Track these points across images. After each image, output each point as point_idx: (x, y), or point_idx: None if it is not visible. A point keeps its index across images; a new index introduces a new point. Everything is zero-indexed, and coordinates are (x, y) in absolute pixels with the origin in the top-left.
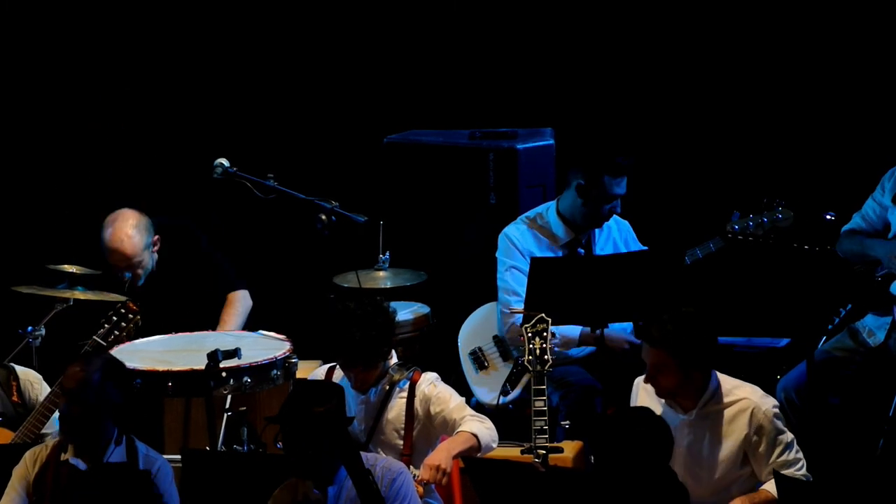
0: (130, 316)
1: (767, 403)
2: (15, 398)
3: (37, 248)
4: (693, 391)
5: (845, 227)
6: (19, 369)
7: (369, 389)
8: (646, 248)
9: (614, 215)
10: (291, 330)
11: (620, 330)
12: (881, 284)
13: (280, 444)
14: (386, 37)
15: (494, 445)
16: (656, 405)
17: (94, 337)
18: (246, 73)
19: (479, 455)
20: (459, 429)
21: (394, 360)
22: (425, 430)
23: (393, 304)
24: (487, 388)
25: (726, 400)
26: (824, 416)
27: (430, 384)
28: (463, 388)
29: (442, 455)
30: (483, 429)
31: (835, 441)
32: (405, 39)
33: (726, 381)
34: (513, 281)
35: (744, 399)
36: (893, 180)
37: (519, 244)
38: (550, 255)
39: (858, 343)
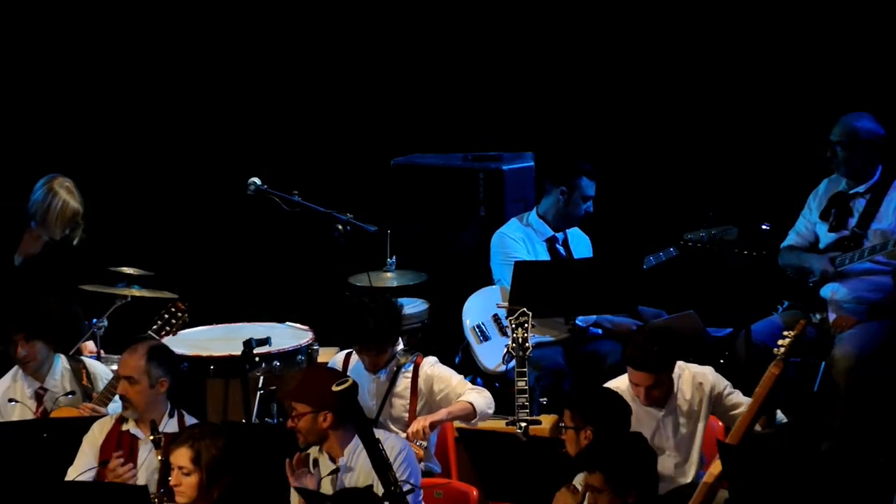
0: (180, 314)
1: (701, 368)
2: (85, 382)
3: (99, 252)
4: (667, 391)
5: (784, 244)
6: (87, 361)
7: (380, 371)
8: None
9: (576, 228)
10: (314, 322)
11: (622, 319)
12: (813, 289)
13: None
14: (395, 77)
15: (490, 411)
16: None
17: (149, 332)
18: (275, 105)
19: (476, 419)
20: (459, 399)
21: (400, 346)
22: (427, 405)
23: (399, 299)
24: (489, 356)
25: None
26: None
27: (432, 366)
28: (464, 364)
29: (432, 416)
30: (480, 398)
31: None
32: (411, 79)
33: None
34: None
35: (682, 374)
36: (818, 199)
37: (517, 238)
38: (535, 247)
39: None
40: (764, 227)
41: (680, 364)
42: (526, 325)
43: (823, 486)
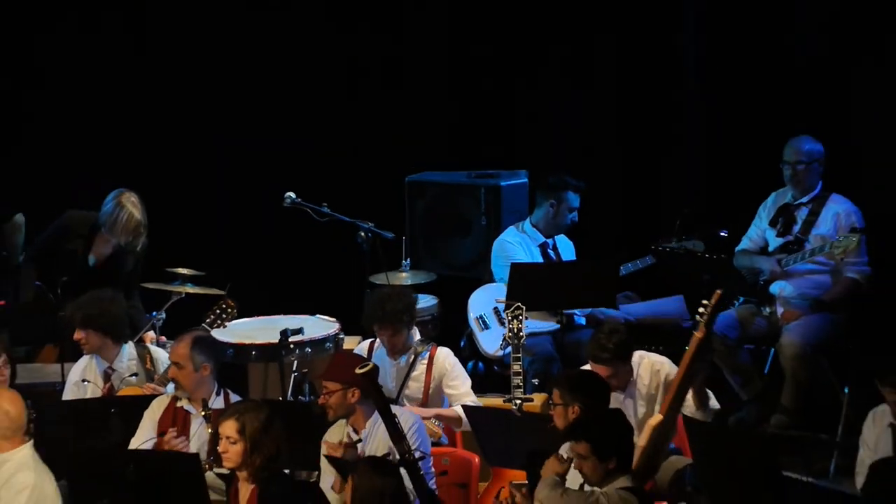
0: (230, 310)
1: (659, 357)
2: (148, 365)
3: (159, 254)
4: (625, 378)
5: (738, 248)
6: (151, 348)
7: (399, 357)
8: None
9: (563, 236)
10: (340, 314)
11: (612, 312)
12: (764, 286)
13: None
14: (411, 106)
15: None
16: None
17: (203, 324)
18: (309, 130)
19: (461, 428)
20: (456, 406)
21: (417, 336)
22: (437, 390)
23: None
24: (489, 342)
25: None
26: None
27: (446, 359)
28: (467, 349)
29: (428, 411)
30: (460, 414)
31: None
32: (425, 109)
33: None
34: None
35: (642, 362)
36: (767, 210)
37: (515, 243)
38: (531, 250)
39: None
40: (722, 234)
41: (640, 353)
42: (521, 317)
43: (773, 454)
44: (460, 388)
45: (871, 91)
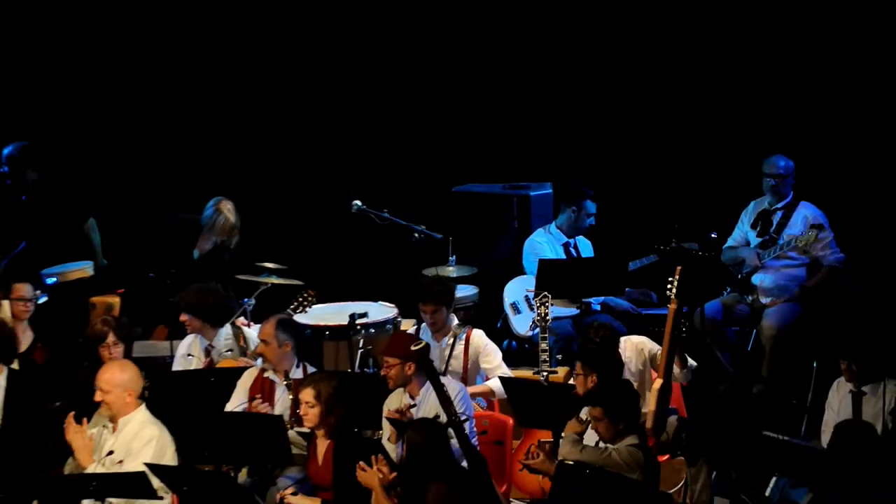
0: (311, 299)
1: (640, 337)
2: (241, 343)
3: (250, 250)
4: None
5: (725, 245)
6: (244, 329)
7: (441, 339)
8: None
9: (583, 237)
10: (398, 301)
11: (622, 303)
12: (746, 278)
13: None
14: (457, 130)
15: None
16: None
17: (288, 309)
18: (374, 151)
19: (494, 398)
20: (489, 381)
21: (455, 321)
22: (475, 365)
23: (457, 288)
24: (521, 324)
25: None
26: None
27: (481, 338)
28: (502, 329)
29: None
30: (498, 385)
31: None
32: (468, 134)
33: None
34: None
35: (626, 344)
36: (748, 215)
37: (542, 243)
38: (556, 249)
39: (742, 298)
40: (712, 235)
41: (623, 337)
42: (547, 304)
43: (755, 416)
44: (493, 362)
45: (834, 111)
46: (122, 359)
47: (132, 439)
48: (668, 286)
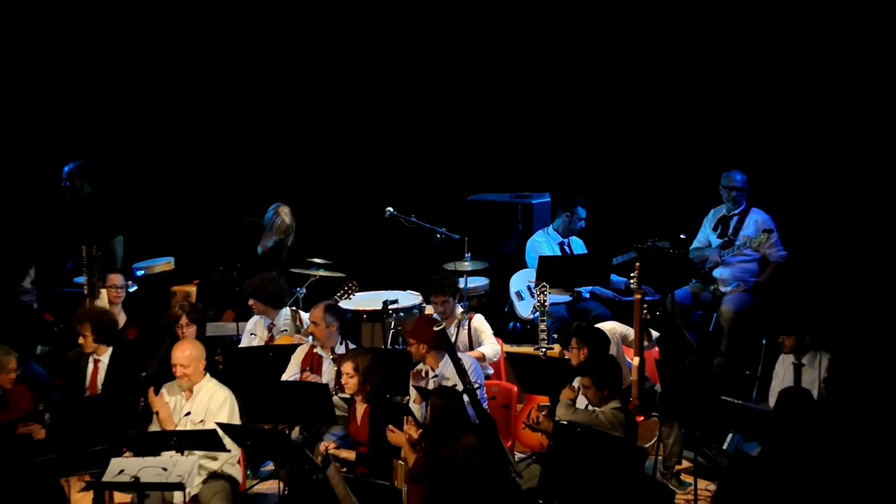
0: (354, 288)
1: (611, 323)
2: (297, 323)
3: (302, 247)
4: None
5: (692, 246)
6: (299, 312)
7: (449, 326)
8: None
9: (576, 237)
10: (422, 290)
11: (606, 292)
12: (708, 272)
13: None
14: (473, 147)
15: (496, 358)
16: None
17: (335, 297)
18: (404, 168)
19: (486, 362)
20: (481, 347)
21: (460, 309)
22: (476, 343)
23: (471, 278)
24: (524, 309)
25: None
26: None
27: (478, 321)
28: (509, 313)
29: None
30: (490, 350)
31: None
32: (483, 150)
33: None
34: None
35: (604, 328)
36: (710, 220)
37: (542, 242)
38: (553, 247)
39: (706, 287)
40: (681, 236)
41: (597, 325)
42: (545, 292)
43: (715, 384)
44: (486, 336)
45: (779, 132)
46: (191, 338)
47: (208, 401)
48: (632, 279)
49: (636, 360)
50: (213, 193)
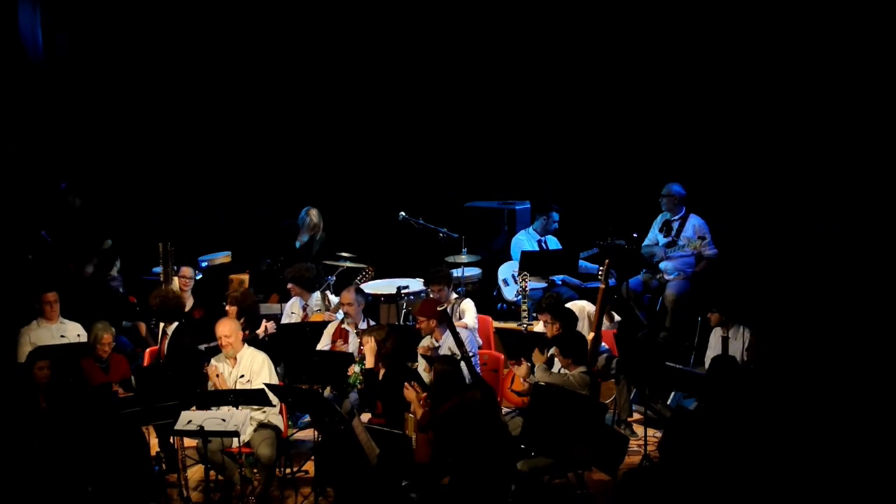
0: (371, 273)
1: (580, 301)
2: (327, 303)
3: (331, 243)
4: None
5: (644, 244)
6: (329, 294)
7: (447, 307)
8: (560, 248)
9: (551, 235)
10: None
11: (573, 280)
12: (656, 264)
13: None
14: (467, 164)
15: (475, 326)
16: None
17: (356, 280)
18: (412, 179)
19: (467, 331)
20: (463, 319)
21: (454, 295)
22: (464, 321)
23: (467, 269)
24: (510, 293)
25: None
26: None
27: (468, 304)
28: (497, 297)
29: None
30: (470, 321)
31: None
32: (475, 166)
33: None
34: None
35: (575, 307)
36: (657, 223)
37: (524, 240)
38: (533, 244)
39: (654, 276)
40: (634, 234)
41: (570, 303)
42: (526, 280)
43: (660, 353)
44: (469, 314)
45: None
46: (231, 317)
47: (251, 364)
48: (599, 273)
49: (591, 336)
50: (264, 199)
